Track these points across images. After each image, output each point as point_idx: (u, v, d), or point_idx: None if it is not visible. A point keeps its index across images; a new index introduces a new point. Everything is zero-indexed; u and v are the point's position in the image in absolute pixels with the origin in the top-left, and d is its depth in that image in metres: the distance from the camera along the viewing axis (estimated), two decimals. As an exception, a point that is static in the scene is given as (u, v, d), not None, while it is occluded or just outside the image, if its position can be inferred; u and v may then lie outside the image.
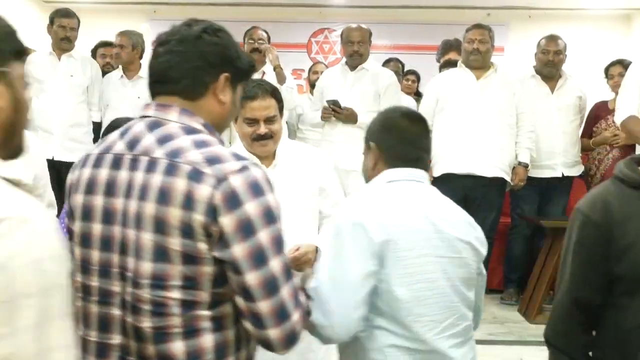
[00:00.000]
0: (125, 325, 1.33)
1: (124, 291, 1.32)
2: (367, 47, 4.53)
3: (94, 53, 5.69)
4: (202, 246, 1.26)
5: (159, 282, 1.28)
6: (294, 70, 7.52)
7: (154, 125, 1.37)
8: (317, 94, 4.68)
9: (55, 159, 4.60)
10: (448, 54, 5.69)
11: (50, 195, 2.37)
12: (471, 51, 4.35)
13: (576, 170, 4.72)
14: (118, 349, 1.34)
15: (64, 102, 4.62)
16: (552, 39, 4.68)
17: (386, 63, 5.70)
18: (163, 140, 1.33)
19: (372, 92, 4.42)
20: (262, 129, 2.37)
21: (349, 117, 4.34)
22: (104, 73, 5.01)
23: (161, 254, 1.27)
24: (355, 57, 4.50)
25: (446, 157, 4.23)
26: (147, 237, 1.28)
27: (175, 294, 1.28)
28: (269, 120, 2.37)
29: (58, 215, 2.37)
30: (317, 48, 8.35)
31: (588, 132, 4.84)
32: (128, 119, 2.34)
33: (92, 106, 4.81)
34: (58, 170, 4.65)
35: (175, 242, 1.26)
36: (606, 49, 7.05)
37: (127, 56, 4.82)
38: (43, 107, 4.59)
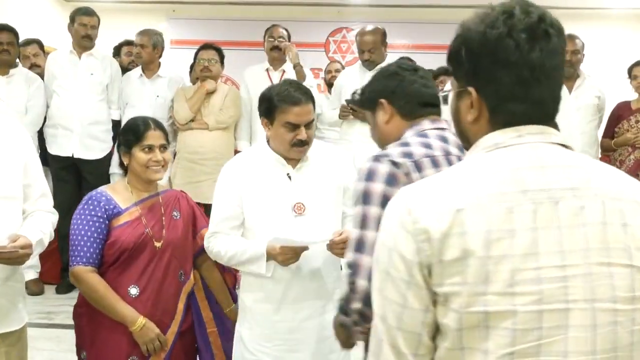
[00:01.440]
0: None
1: None
2: (380, 49, 4.48)
3: (117, 51, 5.73)
4: None
5: None
6: (312, 69, 7.50)
7: None
8: (335, 93, 4.67)
9: (74, 156, 4.64)
10: (467, 53, 5.64)
11: (43, 186, 2.32)
12: (491, 50, 4.31)
13: None
14: None
15: (84, 100, 4.65)
16: (570, 38, 4.63)
17: (399, 62, 5.65)
18: None
19: (390, 91, 4.40)
20: (304, 134, 2.33)
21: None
22: (129, 71, 5.04)
23: None
24: (368, 64, 4.47)
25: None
26: None
27: None
28: (308, 125, 2.35)
29: (55, 206, 2.37)
30: (335, 47, 8.33)
31: (610, 133, 4.78)
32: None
33: (111, 104, 4.84)
34: (77, 167, 4.71)
35: None
36: (628, 48, 6.97)
37: (148, 56, 4.84)
38: (63, 105, 4.64)
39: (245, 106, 4.80)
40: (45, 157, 4.74)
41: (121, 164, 2.53)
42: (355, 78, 4.56)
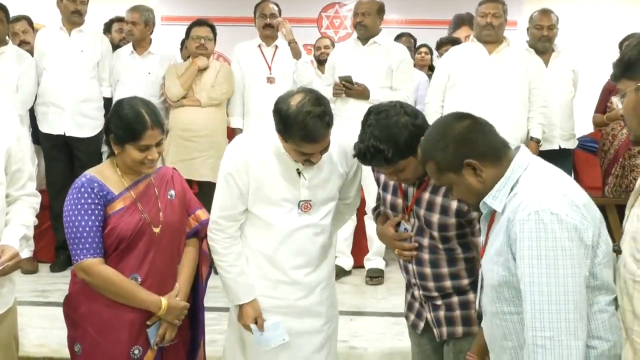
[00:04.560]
0: None
1: None
2: (374, 19, 4.44)
3: (108, 28, 5.67)
4: None
5: None
6: (304, 45, 7.46)
7: None
8: (329, 69, 4.64)
9: (66, 134, 4.61)
10: (460, 28, 5.65)
11: (30, 169, 2.32)
12: (484, 25, 4.29)
13: (572, 144, 4.71)
14: None
15: (75, 78, 4.61)
16: (545, 13, 4.64)
17: (398, 38, 5.64)
18: None
19: (384, 67, 4.37)
20: (317, 158, 2.29)
21: (361, 93, 4.30)
22: (119, 48, 4.99)
23: None
24: (358, 28, 4.43)
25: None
26: None
27: None
28: (323, 151, 2.29)
29: (47, 185, 2.31)
30: (327, 23, 8.28)
31: (602, 108, 4.79)
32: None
33: (102, 82, 4.79)
34: (69, 146, 4.68)
35: None
36: (621, 22, 6.95)
37: (139, 33, 4.79)
38: (54, 82, 4.59)
39: (238, 83, 4.78)
40: (37, 136, 4.72)
41: (109, 144, 2.36)
42: (348, 53, 4.53)
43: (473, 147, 1.75)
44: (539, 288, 1.59)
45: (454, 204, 2.17)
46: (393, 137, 2.05)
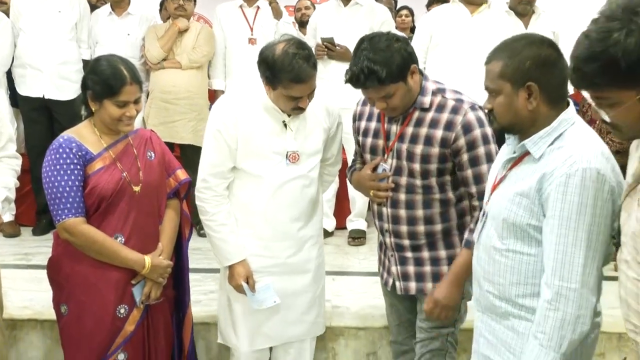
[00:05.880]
0: None
1: None
2: None
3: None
4: None
5: None
6: (286, 6, 7.37)
7: None
8: (310, 31, 4.61)
9: (45, 97, 4.55)
10: (442, -11, 5.61)
11: (10, 131, 2.36)
12: (466, -14, 4.27)
13: None
14: None
15: (53, 39, 4.53)
16: None
17: (378, -1, 5.58)
18: None
19: (366, 28, 4.33)
20: (305, 103, 2.35)
21: (343, 55, 4.28)
22: (97, 9, 4.90)
23: None
24: None
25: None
26: None
27: None
28: (310, 95, 2.36)
29: (27, 149, 2.35)
30: (309, -17, 8.16)
31: (582, 69, 4.81)
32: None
33: (81, 43, 4.72)
34: (49, 109, 4.62)
35: None
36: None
37: (118, -7, 4.72)
38: (31, 44, 4.51)
39: (219, 44, 4.73)
40: (15, 99, 4.65)
41: (85, 104, 2.38)
42: (330, 14, 4.50)
43: (545, 76, 1.73)
44: (573, 240, 1.62)
45: (438, 133, 2.19)
46: (387, 59, 2.10)
